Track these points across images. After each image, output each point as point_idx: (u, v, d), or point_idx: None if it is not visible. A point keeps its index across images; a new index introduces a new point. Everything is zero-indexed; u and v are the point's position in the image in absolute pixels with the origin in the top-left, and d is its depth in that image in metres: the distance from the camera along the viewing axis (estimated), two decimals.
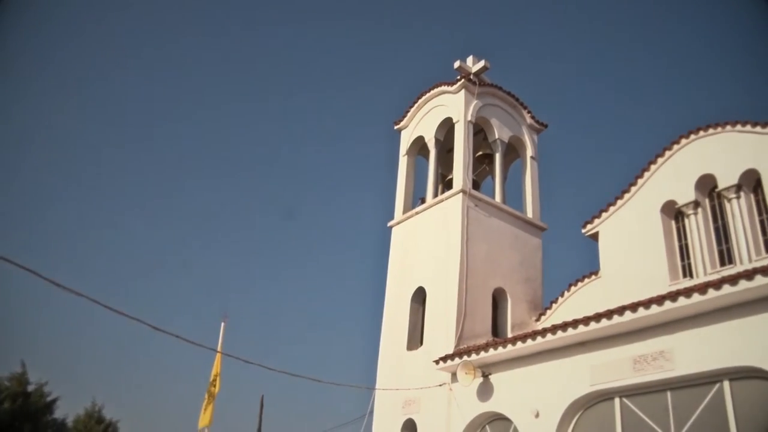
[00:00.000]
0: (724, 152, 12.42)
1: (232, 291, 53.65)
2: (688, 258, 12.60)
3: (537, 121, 17.32)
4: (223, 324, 13.77)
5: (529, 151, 16.86)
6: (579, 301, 13.73)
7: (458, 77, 16.30)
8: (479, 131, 16.64)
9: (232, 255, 58.67)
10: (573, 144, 52.55)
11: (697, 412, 9.75)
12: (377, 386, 14.78)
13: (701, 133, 12.88)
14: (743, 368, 9.24)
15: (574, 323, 10.98)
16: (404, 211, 16.55)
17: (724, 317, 9.51)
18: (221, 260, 58.09)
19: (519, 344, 11.79)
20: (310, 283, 58.66)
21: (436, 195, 16.04)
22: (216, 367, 13.42)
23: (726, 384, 9.54)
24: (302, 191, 60.04)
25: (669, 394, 10.19)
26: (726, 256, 12.14)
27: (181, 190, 58.40)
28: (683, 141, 13.15)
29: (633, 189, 13.67)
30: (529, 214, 16.11)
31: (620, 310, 10.40)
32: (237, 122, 59.82)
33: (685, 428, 9.81)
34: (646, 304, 10.08)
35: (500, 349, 12.05)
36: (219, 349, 13.41)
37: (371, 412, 14.63)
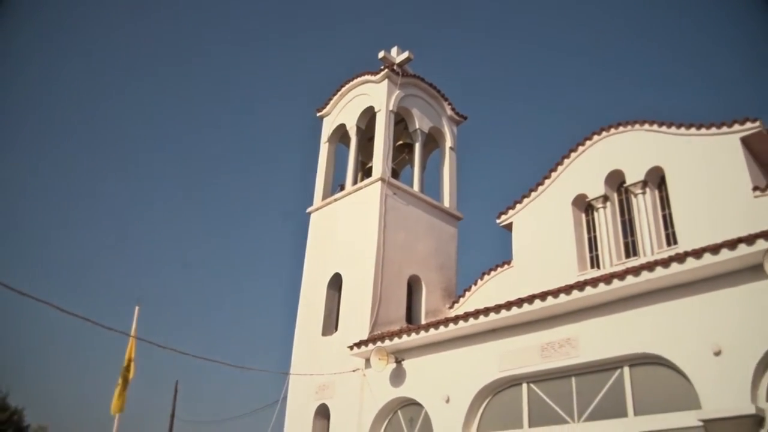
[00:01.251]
0: (632, 149, 12.80)
1: (147, 275, 52.23)
2: (597, 249, 12.95)
3: (457, 113, 17.45)
4: (137, 308, 13.37)
5: (448, 142, 16.98)
6: (492, 289, 13.90)
7: (382, 67, 16.24)
8: (400, 121, 16.64)
9: (147, 239, 57.13)
10: (491, 137, 53.44)
11: (599, 396, 10.06)
12: (291, 371, 14.62)
13: (612, 130, 13.23)
14: (642, 355, 9.58)
15: (486, 311, 11.12)
16: (323, 198, 16.40)
17: (626, 307, 9.82)
18: (136, 244, 56.48)
19: (432, 331, 11.86)
20: (230, 268, 57.77)
21: (355, 182, 15.96)
22: (130, 352, 13.01)
23: (626, 370, 9.87)
24: (223, 177, 58.93)
25: (573, 379, 10.45)
26: (631, 249, 12.55)
27: (91, 176, 56.38)
28: (595, 137, 13.48)
29: (546, 182, 13.94)
30: (446, 203, 16.24)
31: (530, 299, 10.59)
32: (149, 115, 58.12)
33: (587, 412, 10.10)
34: (555, 293, 10.30)
35: (413, 336, 12.10)
36: (133, 333, 13.01)
37: (285, 398, 14.47)
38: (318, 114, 17.73)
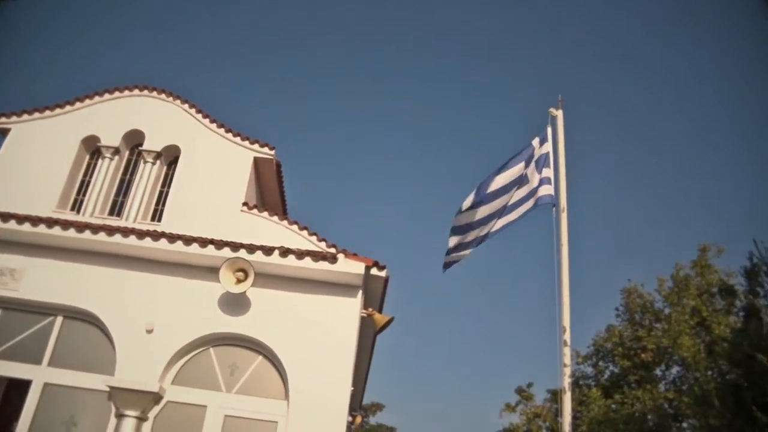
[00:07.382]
0: (163, 119, 12.29)
1: None
2: (85, 195, 12.11)
3: None
4: None
5: None
6: None
7: None
8: None
9: None
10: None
11: (20, 337, 9.25)
12: None
13: (155, 93, 12.45)
14: (81, 311, 9.19)
15: None
16: None
17: (84, 260, 9.38)
18: None
19: None
20: None
21: None
22: None
23: (60, 319, 9.32)
24: None
25: (1, 311, 9.43)
26: (118, 209, 12.04)
27: None
28: (136, 90, 12.52)
29: (68, 107, 12.43)
30: None
31: None
32: None
33: (1, 348, 9.20)
34: (6, 217, 9.32)
35: None
36: None
37: None
38: None
